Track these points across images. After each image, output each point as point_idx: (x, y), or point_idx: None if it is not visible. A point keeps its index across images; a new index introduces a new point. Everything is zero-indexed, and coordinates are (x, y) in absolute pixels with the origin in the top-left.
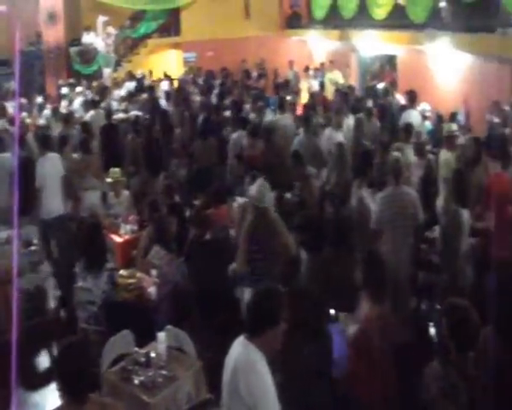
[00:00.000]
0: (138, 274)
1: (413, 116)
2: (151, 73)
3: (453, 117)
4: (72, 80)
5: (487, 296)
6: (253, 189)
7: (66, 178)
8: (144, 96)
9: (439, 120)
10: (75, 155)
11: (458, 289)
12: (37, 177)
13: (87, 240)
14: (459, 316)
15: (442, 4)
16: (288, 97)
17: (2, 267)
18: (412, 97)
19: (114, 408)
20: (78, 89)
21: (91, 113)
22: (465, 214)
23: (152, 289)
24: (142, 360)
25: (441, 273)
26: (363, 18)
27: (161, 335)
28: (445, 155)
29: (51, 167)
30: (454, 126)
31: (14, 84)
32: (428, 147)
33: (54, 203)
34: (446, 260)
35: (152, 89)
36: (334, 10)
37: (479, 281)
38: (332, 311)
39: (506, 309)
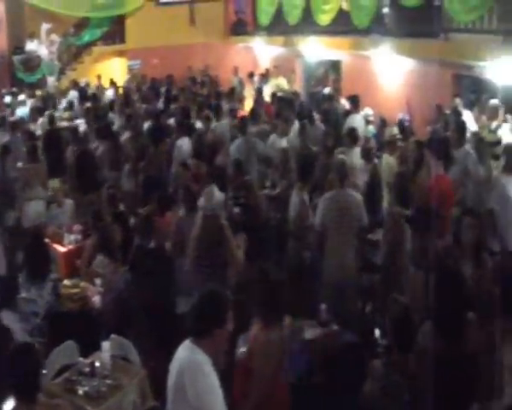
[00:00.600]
0: (82, 284)
1: (356, 121)
2: (99, 77)
3: (400, 122)
4: (14, 89)
5: (429, 296)
6: (203, 193)
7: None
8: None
9: (382, 124)
10: (19, 164)
11: (400, 289)
12: None
13: (30, 250)
14: (401, 311)
15: (385, 10)
16: (227, 105)
17: None
18: (355, 102)
19: (64, 409)
20: (21, 97)
21: (40, 120)
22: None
23: (96, 299)
24: (87, 369)
25: (384, 275)
26: (307, 24)
27: (106, 344)
28: (387, 160)
29: None
30: (395, 131)
31: None
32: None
33: None
34: (389, 262)
35: (95, 97)
36: (278, 17)
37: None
38: None
39: (446, 307)
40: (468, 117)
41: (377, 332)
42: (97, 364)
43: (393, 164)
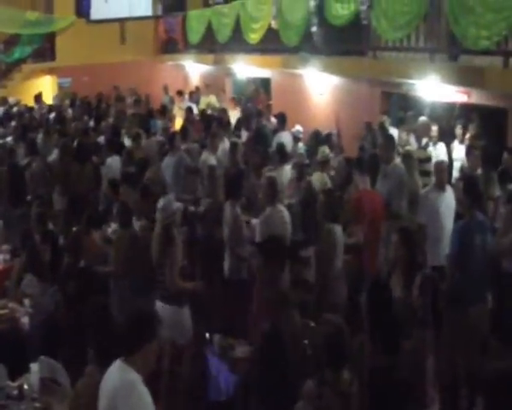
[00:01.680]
0: (10, 304)
1: (284, 138)
2: (39, 96)
3: (327, 139)
4: None
5: (361, 311)
6: (160, 202)
7: None
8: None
9: (315, 140)
10: None
11: (332, 305)
12: None
13: None
14: (332, 332)
15: (314, 29)
16: (159, 122)
17: None
18: (282, 120)
19: None
20: None
21: None
22: (338, 232)
23: (25, 320)
24: (15, 393)
25: (315, 292)
26: (237, 42)
27: (34, 366)
28: (319, 177)
29: None
30: (327, 150)
31: None
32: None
33: None
34: (320, 278)
35: (21, 115)
36: (209, 35)
37: (352, 296)
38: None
39: (379, 322)
40: (394, 134)
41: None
42: (26, 386)
43: (325, 181)
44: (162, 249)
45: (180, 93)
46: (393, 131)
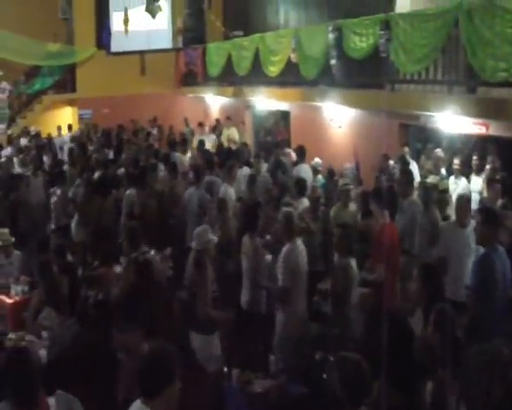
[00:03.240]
0: (28, 337)
1: (303, 170)
2: (60, 129)
3: (347, 171)
4: None
5: (378, 347)
6: (196, 230)
7: None
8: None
9: (330, 174)
10: None
11: (349, 340)
12: None
13: None
14: (350, 370)
15: (333, 62)
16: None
17: None
18: (301, 153)
19: None
20: None
21: None
22: (354, 266)
23: (42, 352)
24: None
25: (333, 324)
26: (257, 75)
27: (51, 400)
28: (338, 209)
29: None
30: (347, 180)
31: None
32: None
33: None
34: (337, 312)
35: (40, 147)
36: (228, 68)
37: (369, 331)
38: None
39: (397, 359)
40: (413, 167)
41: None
42: None
43: (345, 214)
44: (193, 277)
45: (201, 125)
46: (412, 164)
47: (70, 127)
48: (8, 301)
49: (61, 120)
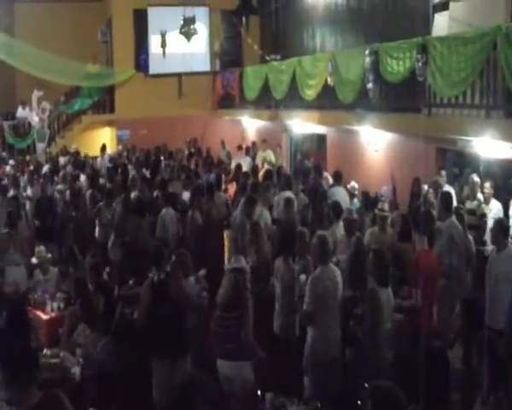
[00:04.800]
0: (62, 354)
1: (340, 194)
2: (104, 147)
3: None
4: (4, 154)
5: (412, 374)
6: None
7: None
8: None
9: (366, 198)
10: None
11: (382, 367)
12: None
13: (10, 317)
14: (383, 398)
15: (370, 85)
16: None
17: None
18: (338, 177)
19: None
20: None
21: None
22: (384, 294)
23: (76, 370)
24: None
25: (365, 351)
26: (293, 98)
27: None
28: (374, 233)
29: None
30: (385, 206)
31: None
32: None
33: None
34: (369, 338)
35: (76, 166)
36: (265, 91)
37: (404, 359)
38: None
39: (432, 386)
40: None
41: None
42: None
43: (379, 239)
44: (229, 299)
45: (239, 148)
46: (448, 189)
47: (104, 147)
48: (44, 316)
49: (100, 141)
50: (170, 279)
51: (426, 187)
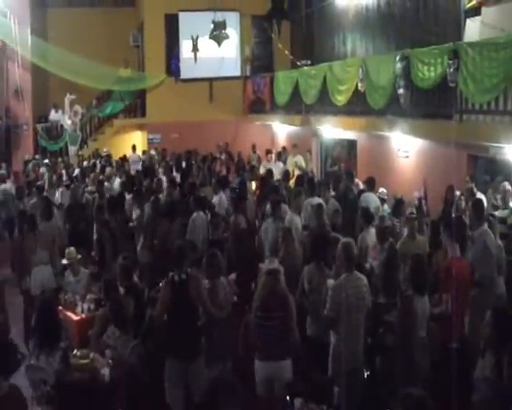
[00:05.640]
0: (92, 355)
1: (371, 200)
2: (134, 148)
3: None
4: (37, 156)
5: (444, 383)
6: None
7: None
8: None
9: (398, 204)
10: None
11: (413, 375)
12: None
13: (41, 317)
14: (414, 406)
15: (400, 91)
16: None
17: None
18: (371, 183)
19: None
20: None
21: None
22: (420, 302)
23: (105, 371)
24: None
25: (396, 357)
26: (324, 104)
27: None
28: (406, 241)
29: None
30: (414, 211)
31: None
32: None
33: None
34: (402, 346)
35: (103, 168)
36: (296, 96)
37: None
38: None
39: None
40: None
41: None
42: None
43: (410, 246)
44: (271, 305)
45: (268, 152)
46: (479, 196)
47: (134, 148)
48: (75, 318)
49: (131, 144)
50: (189, 280)
51: (458, 194)
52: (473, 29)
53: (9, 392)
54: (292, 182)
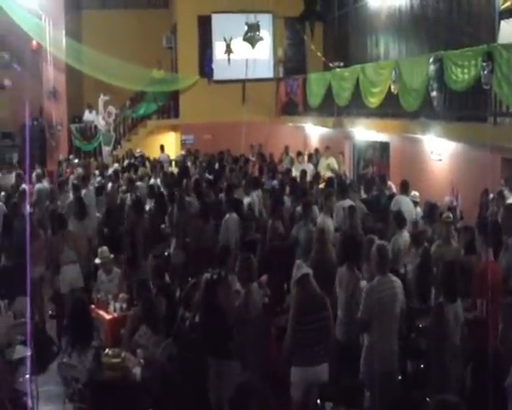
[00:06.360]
0: (123, 354)
1: (404, 203)
2: (162, 148)
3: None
4: (71, 156)
5: (478, 389)
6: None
7: None
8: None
9: (431, 208)
10: None
11: (447, 381)
12: None
13: (73, 316)
14: None
15: (434, 94)
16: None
17: None
18: (405, 187)
19: None
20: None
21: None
22: (452, 309)
23: (136, 370)
24: None
25: (429, 363)
26: (357, 106)
27: None
28: (440, 246)
29: None
30: (451, 216)
31: (16, 156)
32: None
33: None
34: (434, 351)
35: (131, 167)
36: (328, 98)
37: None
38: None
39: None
40: None
41: None
42: None
43: (445, 251)
44: (310, 308)
45: (300, 154)
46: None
47: (162, 148)
48: (107, 317)
49: (165, 145)
50: (220, 283)
51: (491, 197)
52: (507, 31)
53: None
54: (323, 184)
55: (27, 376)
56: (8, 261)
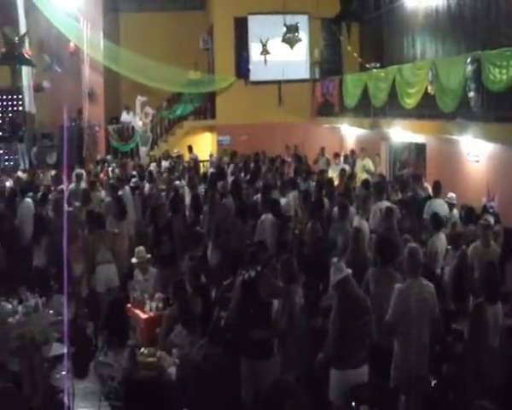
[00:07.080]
0: (159, 353)
1: (438, 205)
2: (190, 148)
3: (485, 209)
4: (109, 156)
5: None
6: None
7: None
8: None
9: (468, 211)
10: None
11: (485, 386)
12: None
13: (109, 316)
14: None
15: (471, 94)
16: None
17: (27, 335)
18: (438, 188)
19: None
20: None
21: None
22: (491, 311)
23: (172, 370)
24: None
25: (466, 367)
26: (393, 107)
27: None
28: (479, 248)
29: None
30: (490, 218)
31: (54, 156)
32: None
33: None
34: (472, 355)
35: (171, 170)
36: (365, 99)
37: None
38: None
39: None
40: None
41: None
42: None
43: (482, 253)
44: (357, 311)
45: (337, 155)
46: None
47: (190, 149)
48: (143, 316)
49: (201, 145)
50: (259, 278)
51: None
52: None
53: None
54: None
55: (64, 373)
56: (40, 260)
